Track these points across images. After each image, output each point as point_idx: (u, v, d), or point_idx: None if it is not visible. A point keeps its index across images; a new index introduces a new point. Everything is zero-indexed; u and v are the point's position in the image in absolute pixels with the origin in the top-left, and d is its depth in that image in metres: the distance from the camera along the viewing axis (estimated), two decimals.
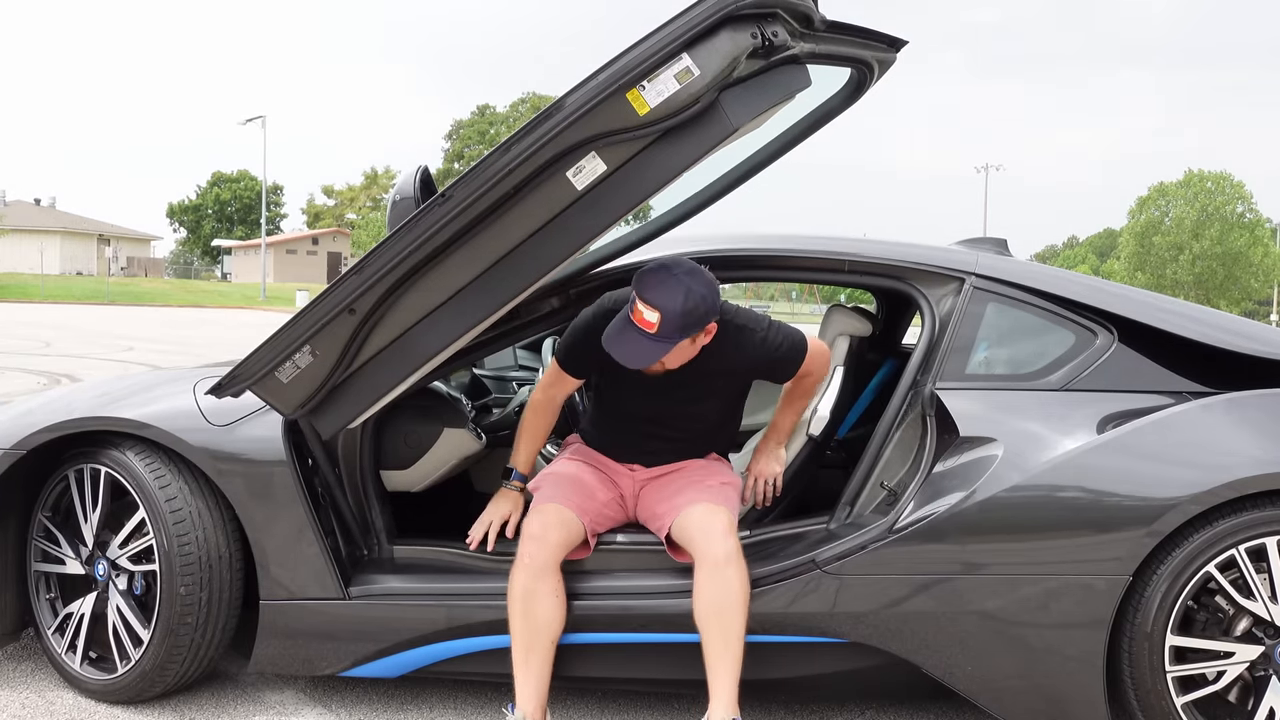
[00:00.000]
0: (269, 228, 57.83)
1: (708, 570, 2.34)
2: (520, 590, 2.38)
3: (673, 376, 2.54)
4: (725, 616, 2.30)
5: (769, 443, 2.79)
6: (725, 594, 2.30)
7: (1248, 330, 2.55)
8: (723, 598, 2.31)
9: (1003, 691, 2.33)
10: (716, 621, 2.30)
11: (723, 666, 2.29)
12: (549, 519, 2.47)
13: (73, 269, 54.98)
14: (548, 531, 2.44)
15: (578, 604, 2.45)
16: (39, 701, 2.60)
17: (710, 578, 2.33)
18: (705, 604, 2.32)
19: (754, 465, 2.76)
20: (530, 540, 2.43)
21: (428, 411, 2.79)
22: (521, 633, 2.37)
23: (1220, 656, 2.26)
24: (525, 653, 2.36)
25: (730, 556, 2.33)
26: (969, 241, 3.06)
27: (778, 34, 2.03)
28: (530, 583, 2.38)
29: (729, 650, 2.29)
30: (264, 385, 2.33)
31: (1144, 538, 2.22)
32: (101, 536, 2.65)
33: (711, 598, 2.31)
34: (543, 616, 2.37)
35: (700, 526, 2.41)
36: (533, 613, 2.37)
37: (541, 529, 2.44)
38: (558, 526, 2.46)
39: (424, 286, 2.24)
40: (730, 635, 2.29)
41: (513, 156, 2.05)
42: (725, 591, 2.30)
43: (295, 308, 24.40)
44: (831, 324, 3.04)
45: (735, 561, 2.34)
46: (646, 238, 2.86)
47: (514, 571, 2.41)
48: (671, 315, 2.30)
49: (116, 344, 15.69)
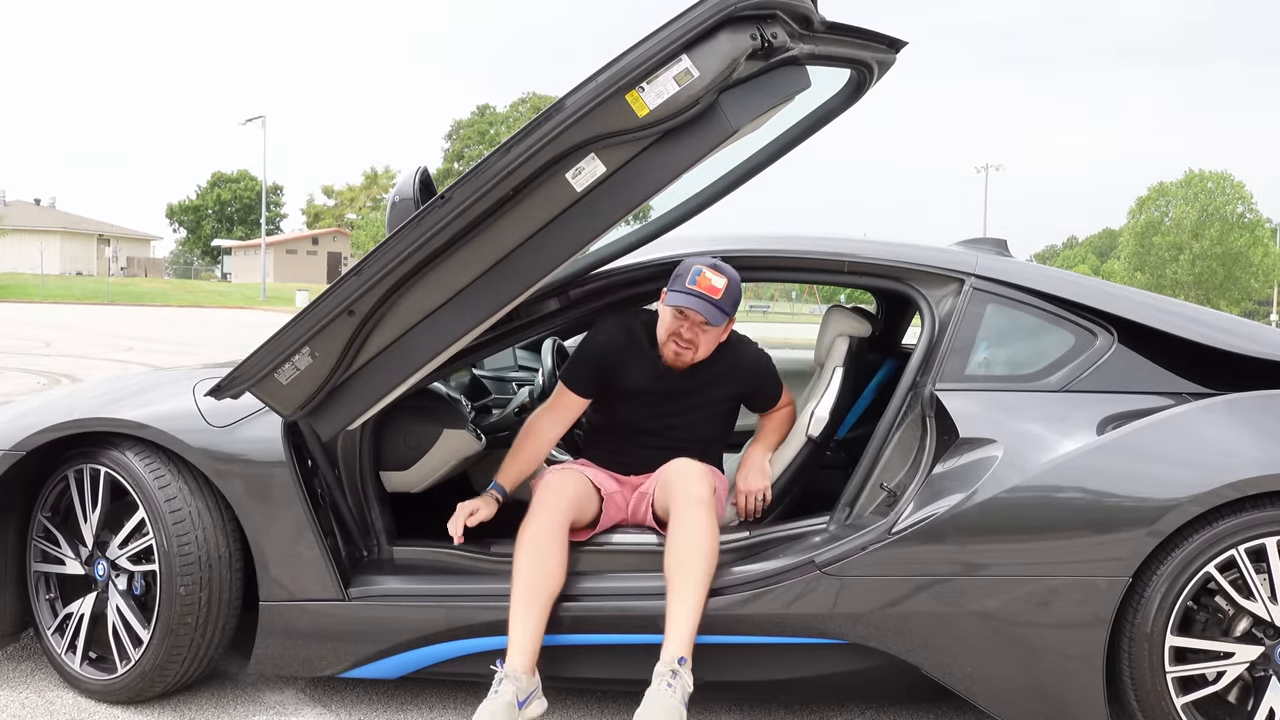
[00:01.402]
0: (269, 228, 57.87)
1: (678, 511, 2.46)
2: (531, 538, 2.45)
3: (674, 384, 2.74)
4: (686, 566, 2.39)
5: (755, 455, 2.81)
6: (689, 541, 2.41)
7: (1248, 331, 2.55)
8: (686, 545, 2.41)
9: (1002, 692, 2.33)
10: (679, 570, 2.39)
11: (682, 611, 2.35)
12: (568, 476, 2.60)
13: (73, 269, 54.97)
14: (565, 486, 2.55)
15: (577, 605, 2.46)
16: (39, 701, 2.61)
17: (678, 521, 2.45)
18: (672, 550, 2.43)
19: (740, 481, 2.77)
20: (548, 490, 2.53)
21: (427, 412, 2.80)
22: (525, 582, 2.41)
23: (1220, 657, 2.26)
24: (525, 602, 2.40)
25: (701, 500, 2.46)
26: (969, 242, 3.06)
27: (777, 35, 2.03)
28: (542, 533, 2.45)
29: (689, 596, 2.36)
30: (263, 387, 2.33)
31: (1144, 538, 2.22)
32: (101, 537, 2.65)
33: (677, 543, 2.42)
34: (549, 569, 2.43)
35: (676, 471, 2.57)
36: (539, 564, 2.42)
37: (560, 483, 2.56)
38: (576, 483, 2.58)
39: (423, 288, 2.24)
40: (690, 583, 2.37)
41: (512, 158, 2.05)
42: (689, 538, 2.41)
43: (295, 308, 24.39)
44: (831, 324, 3.04)
45: (704, 505, 2.46)
46: (646, 238, 2.86)
47: (526, 522, 2.48)
48: (732, 286, 2.63)
49: (116, 344, 15.69)
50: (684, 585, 2.37)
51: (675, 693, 2.24)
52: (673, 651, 2.31)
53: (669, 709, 2.22)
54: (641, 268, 2.76)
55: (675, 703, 2.23)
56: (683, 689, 2.27)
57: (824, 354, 3.06)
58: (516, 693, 2.29)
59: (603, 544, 2.62)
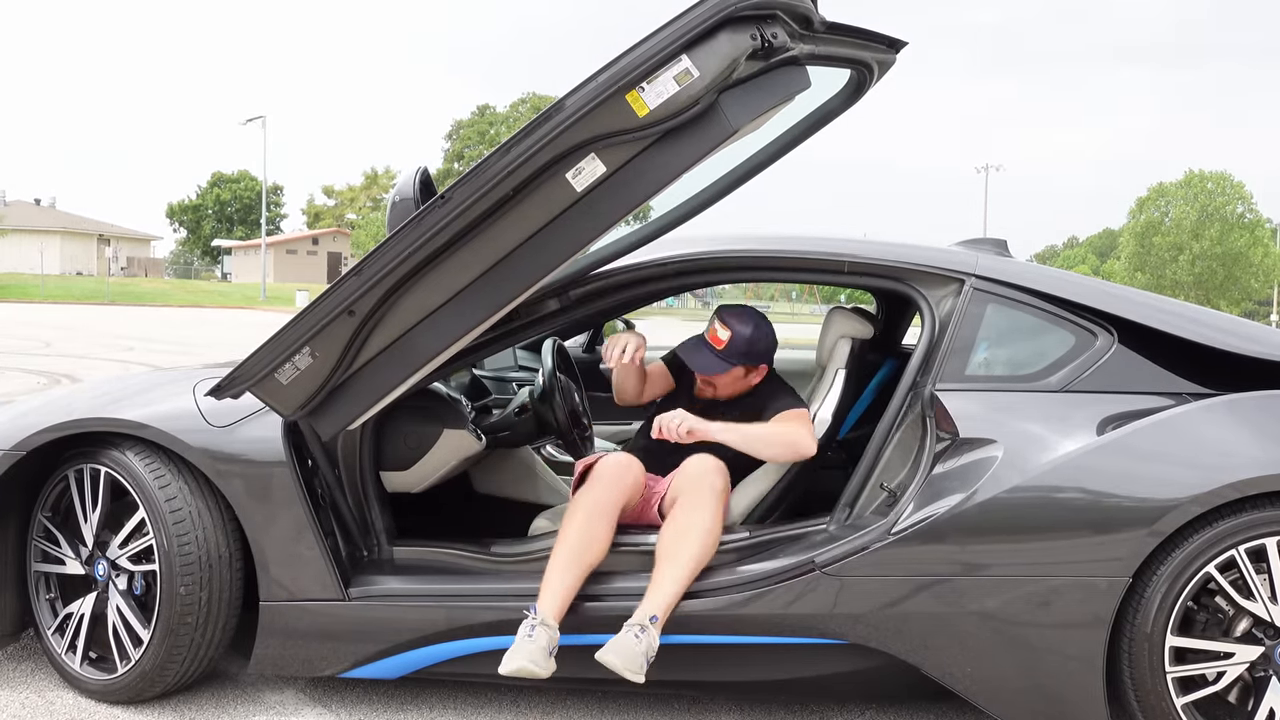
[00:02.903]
0: (269, 228, 57.84)
1: (688, 493, 2.53)
2: (588, 506, 2.51)
3: (710, 405, 2.87)
4: (682, 538, 2.44)
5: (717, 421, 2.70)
6: (689, 519, 2.47)
7: (1248, 331, 2.55)
8: (685, 521, 2.47)
9: (1003, 692, 2.33)
10: (675, 541, 2.45)
11: (668, 577, 2.40)
12: (633, 462, 2.64)
13: (73, 269, 54.96)
14: (630, 469, 2.61)
15: (578, 604, 2.45)
16: (39, 701, 2.61)
17: (686, 500, 2.52)
18: (672, 524, 2.49)
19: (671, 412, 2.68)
20: (616, 465, 2.60)
21: (427, 412, 2.80)
22: (572, 544, 2.46)
23: (1220, 657, 2.26)
24: (567, 564, 2.44)
25: (713, 488, 2.52)
26: (969, 242, 3.06)
27: (777, 35, 2.03)
28: (599, 503, 2.52)
29: (677, 567, 2.41)
30: (263, 387, 2.33)
31: (1144, 538, 2.22)
32: (101, 537, 2.65)
33: (678, 519, 2.49)
34: (597, 538, 2.48)
35: (693, 462, 2.62)
36: (589, 532, 2.48)
37: (626, 463, 2.62)
38: (637, 472, 2.64)
39: (424, 288, 2.24)
40: (683, 555, 2.42)
41: (512, 158, 2.05)
42: (689, 517, 2.48)
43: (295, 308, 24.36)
44: (833, 326, 3.04)
45: (714, 494, 2.52)
46: (647, 238, 2.86)
47: (585, 489, 2.56)
48: (739, 340, 2.80)
49: (116, 344, 15.70)
50: (675, 555, 2.42)
51: (640, 644, 2.28)
52: (648, 609, 2.35)
53: (630, 652, 2.27)
54: (642, 268, 2.76)
55: (637, 651, 2.27)
56: (648, 644, 2.30)
57: (826, 355, 3.06)
58: (550, 639, 2.33)
59: None
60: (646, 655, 2.29)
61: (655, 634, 2.32)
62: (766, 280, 2.95)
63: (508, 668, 2.26)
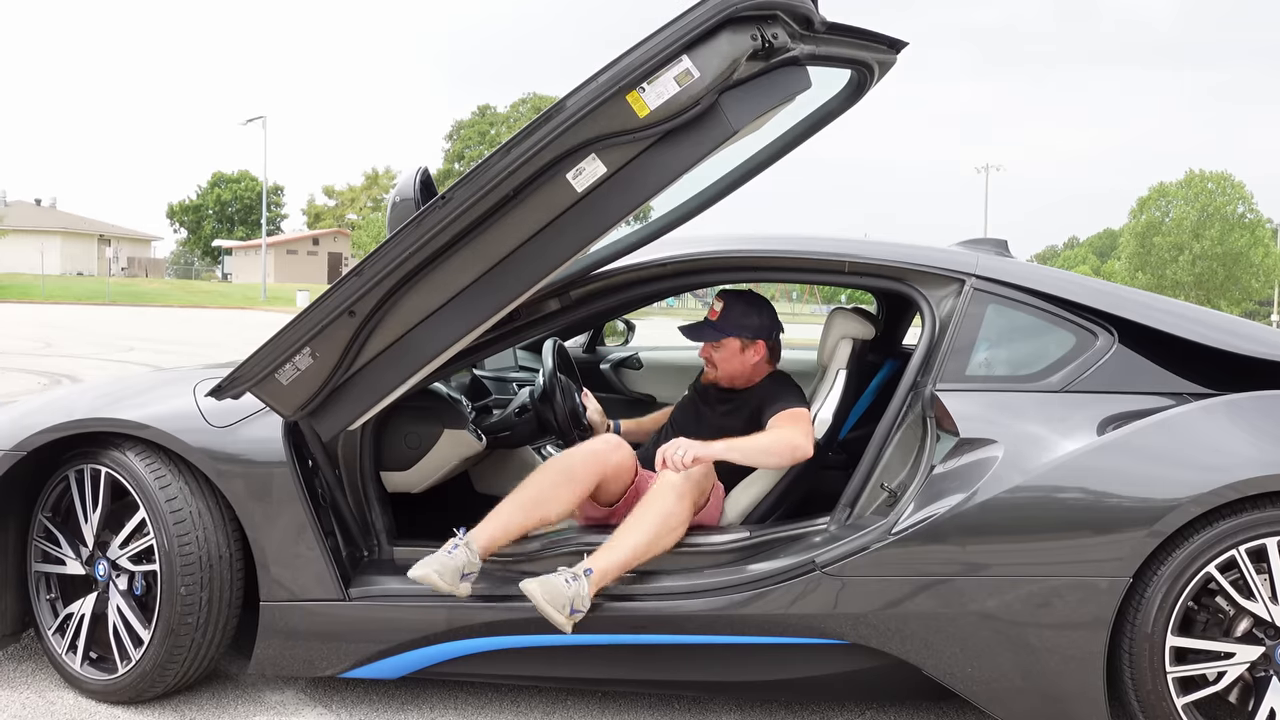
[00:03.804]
0: (269, 228, 57.87)
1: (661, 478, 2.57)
2: (563, 464, 2.62)
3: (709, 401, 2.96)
4: (638, 515, 2.52)
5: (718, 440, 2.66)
6: (648, 503, 2.54)
7: (1248, 331, 2.55)
8: (644, 504, 2.54)
9: (1003, 692, 2.34)
10: (631, 518, 2.52)
11: (618, 543, 2.47)
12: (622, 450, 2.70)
13: (73, 269, 54.94)
14: (612, 455, 2.67)
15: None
16: (39, 702, 2.61)
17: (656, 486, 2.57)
18: (638, 505, 2.56)
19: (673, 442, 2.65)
20: (604, 441, 2.71)
21: (428, 413, 2.80)
22: (532, 493, 2.56)
23: (1221, 657, 2.26)
24: (517, 506, 2.55)
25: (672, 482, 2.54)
26: (969, 242, 3.06)
27: (778, 36, 2.03)
28: (574, 467, 2.61)
29: (628, 538, 2.48)
30: (264, 387, 2.33)
31: (1145, 538, 2.22)
32: (102, 537, 2.65)
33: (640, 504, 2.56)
34: (559, 499, 2.57)
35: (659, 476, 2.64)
36: (556, 488, 2.57)
37: (612, 447, 2.69)
38: (619, 453, 2.68)
39: (424, 289, 2.24)
40: (636, 530, 2.49)
41: (513, 159, 2.05)
42: (649, 501, 2.54)
43: (296, 308, 24.32)
44: (835, 327, 3.05)
45: (672, 487, 2.54)
46: (647, 239, 2.86)
47: (567, 452, 2.67)
48: (732, 311, 2.88)
49: (117, 344, 15.70)
50: (631, 527, 2.49)
51: (569, 589, 2.34)
52: (587, 563, 2.42)
53: (555, 590, 2.32)
54: (642, 268, 2.77)
55: (563, 592, 2.33)
56: (577, 592, 2.34)
57: (828, 356, 3.06)
58: (468, 562, 2.41)
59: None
60: (573, 603, 2.33)
61: (587, 587, 2.36)
62: (766, 280, 2.95)
63: (415, 572, 2.37)
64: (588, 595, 2.35)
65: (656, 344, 5.08)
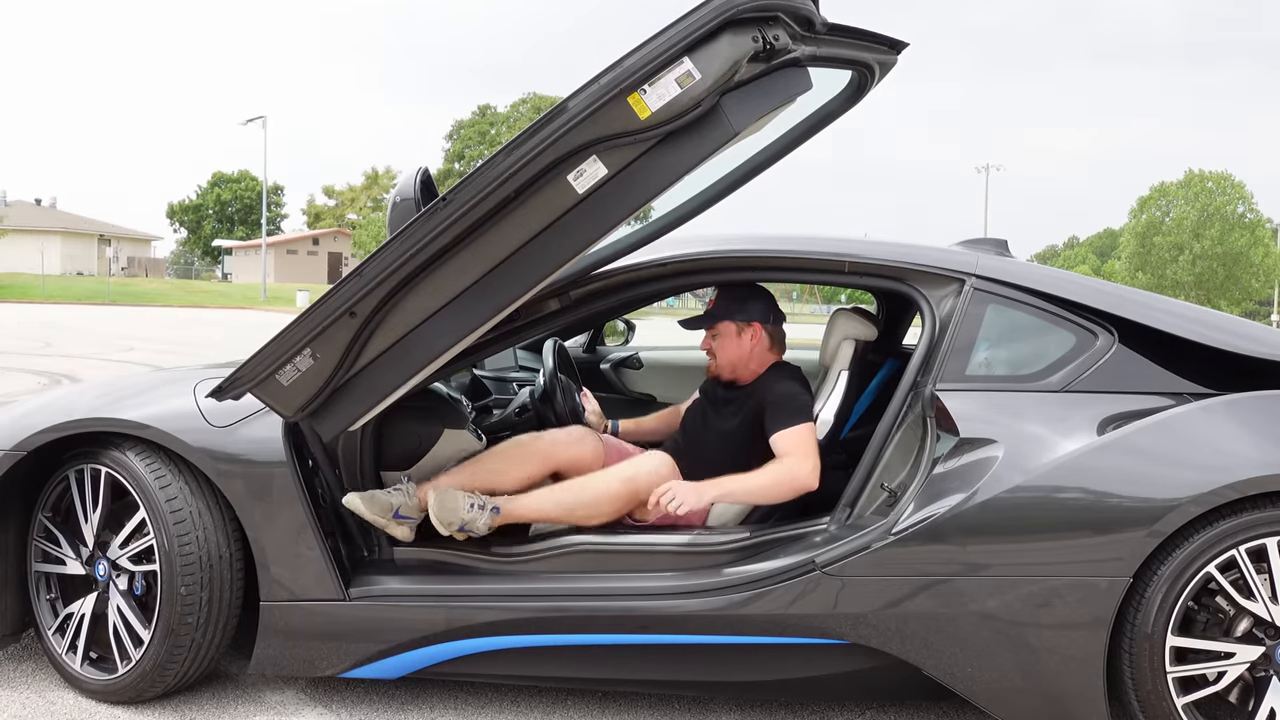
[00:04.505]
0: (270, 228, 57.85)
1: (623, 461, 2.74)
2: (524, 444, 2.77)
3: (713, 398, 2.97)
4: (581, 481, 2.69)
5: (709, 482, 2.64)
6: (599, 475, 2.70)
7: (1248, 331, 2.55)
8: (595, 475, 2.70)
9: (1003, 692, 2.34)
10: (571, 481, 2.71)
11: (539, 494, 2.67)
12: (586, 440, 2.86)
13: (73, 269, 54.93)
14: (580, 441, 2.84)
15: (578, 605, 2.46)
16: (39, 702, 2.61)
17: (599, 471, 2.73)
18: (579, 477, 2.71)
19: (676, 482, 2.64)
20: (572, 431, 2.88)
21: (428, 412, 2.80)
22: (487, 464, 2.72)
23: (1221, 657, 2.27)
24: (472, 475, 2.69)
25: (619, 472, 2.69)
26: (969, 242, 3.06)
27: (779, 37, 2.03)
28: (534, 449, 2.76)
29: (552, 495, 2.67)
30: (265, 388, 2.33)
31: (1145, 538, 2.22)
32: (102, 537, 2.65)
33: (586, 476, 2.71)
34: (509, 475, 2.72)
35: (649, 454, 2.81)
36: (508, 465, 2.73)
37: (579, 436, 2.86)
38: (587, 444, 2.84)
39: (425, 290, 2.25)
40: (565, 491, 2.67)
41: (514, 160, 2.05)
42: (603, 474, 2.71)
43: (296, 308, 24.30)
44: (837, 328, 3.05)
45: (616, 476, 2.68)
46: (647, 239, 2.87)
47: (534, 436, 2.82)
48: (726, 297, 2.90)
49: (117, 344, 15.69)
50: (564, 487, 2.68)
51: (469, 509, 2.56)
52: (497, 502, 2.61)
53: (453, 505, 2.54)
54: (642, 268, 2.77)
55: (461, 507, 2.55)
56: (476, 516, 2.57)
57: (829, 357, 3.06)
58: (403, 504, 2.57)
59: (603, 544, 2.62)
60: (466, 522, 2.51)
61: (487, 519, 2.57)
62: (766, 280, 2.96)
63: (348, 500, 2.52)
64: (484, 524, 2.57)
65: (656, 344, 5.08)
